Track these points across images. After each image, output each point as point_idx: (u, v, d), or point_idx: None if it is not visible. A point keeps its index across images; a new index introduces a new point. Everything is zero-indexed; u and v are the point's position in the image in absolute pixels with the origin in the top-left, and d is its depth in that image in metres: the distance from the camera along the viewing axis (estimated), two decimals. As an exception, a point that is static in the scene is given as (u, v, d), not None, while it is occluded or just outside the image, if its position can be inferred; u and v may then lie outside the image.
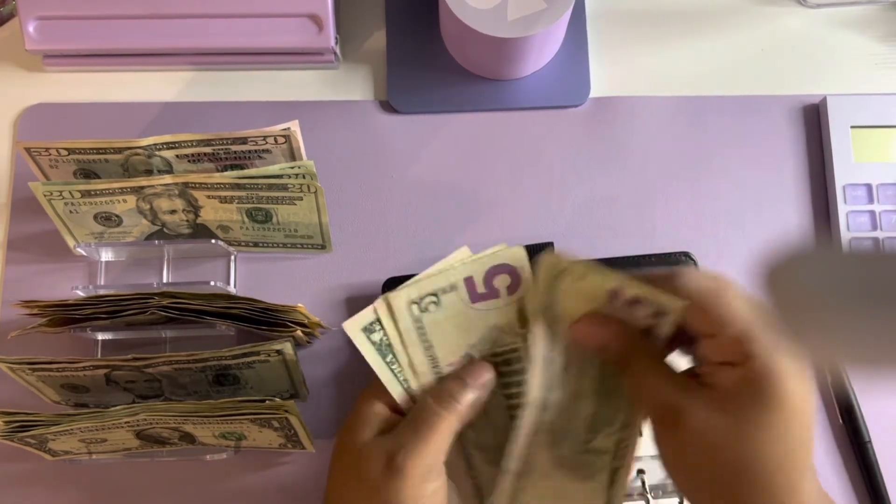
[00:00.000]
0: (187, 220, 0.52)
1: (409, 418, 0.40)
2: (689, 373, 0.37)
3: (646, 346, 0.37)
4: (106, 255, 0.54)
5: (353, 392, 0.52)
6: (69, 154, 0.49)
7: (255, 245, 0.54)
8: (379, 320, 0.41)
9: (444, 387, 0.41)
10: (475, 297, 0.42)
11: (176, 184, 0.49)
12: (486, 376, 0.41)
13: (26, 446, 0.48)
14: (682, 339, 0.37)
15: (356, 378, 0.52)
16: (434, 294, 0.41)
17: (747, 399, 0.33)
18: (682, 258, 0.51)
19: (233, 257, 0.54)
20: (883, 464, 0.51)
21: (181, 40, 0.55)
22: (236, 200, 0.50)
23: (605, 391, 0.40)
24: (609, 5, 0.59)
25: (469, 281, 0.42)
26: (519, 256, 0.42)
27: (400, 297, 0.41)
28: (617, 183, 0.56)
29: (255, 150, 0.50)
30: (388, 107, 0.57)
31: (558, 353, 0.40)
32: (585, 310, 0.39)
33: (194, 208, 0.51)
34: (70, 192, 0.49)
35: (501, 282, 0.42)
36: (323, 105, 0.57)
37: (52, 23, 0.55)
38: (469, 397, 0.40)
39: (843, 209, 0.53)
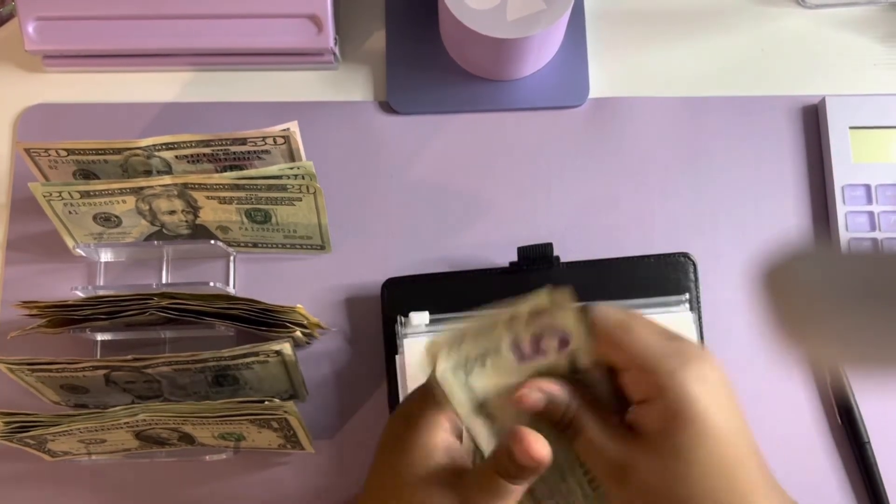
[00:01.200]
0: (186, 221, 0.52)
1: (477, 481, 0.36)
2: (630, 427, 0.36)
3: (591, 408, 0.36)
4: (105, 256, 0.54)
5: (352, 393, 0.52)
6: (68, 155, 0.49)
7: (255, 245, 0.54)
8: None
9: (511, 466, 0.37)
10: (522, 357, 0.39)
11: (175, 184, 0.49)
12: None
13: (26, 447, 0.48)
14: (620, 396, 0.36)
15: (356, 378, 0.53)
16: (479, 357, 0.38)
17: (672, 434, 0.32)
18: (681, 258, 0.51)
19: (232, 258, 0.54)
20: (882, 464, 0.51)
21: (181, 41, 0.55)
22: (235, 201, 0.50)
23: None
24: (609, 5, 0.59)
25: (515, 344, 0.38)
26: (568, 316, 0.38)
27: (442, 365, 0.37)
28: (616, 183, 0.56)
29: (255, 151, 0.50)
30: (387, 107, 0.57)
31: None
32: (507, 384, 0.37)
33: (193, 209, 0.51)
34: (69, 193, 0.49)
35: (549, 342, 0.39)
36: (322, 105, 0.57)
37: (51, 23, 0.55)
38: (533, 479, 0.37)
39: (841, 209, 0.54)
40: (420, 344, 0.48)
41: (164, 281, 0.54)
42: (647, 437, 0.34)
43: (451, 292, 0.51)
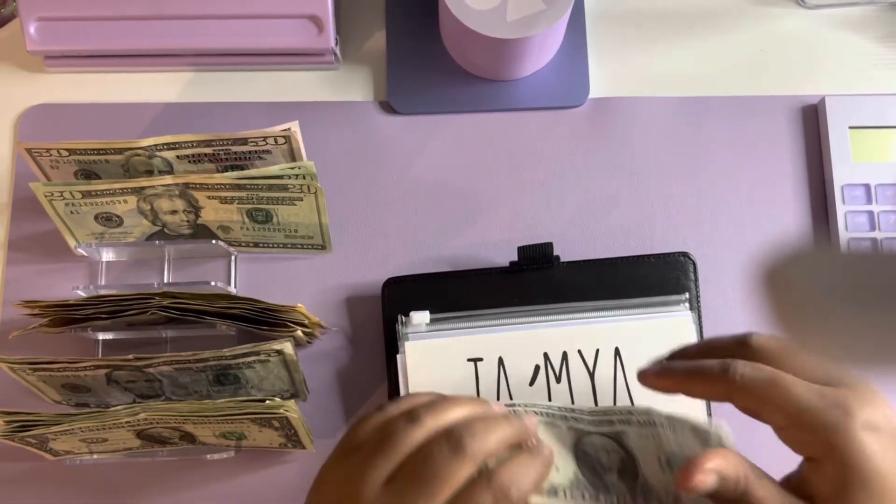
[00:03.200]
0: (188, 221, 0.52)
1: None
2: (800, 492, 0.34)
3: (759, 474, 0.34)
4: (107, 256, 0.54)
5: (353, 392, 0.52)
6: (70, 154, 0.49)
7: (256, 245, 0.54)
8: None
9: None
10: None
11: (176, 184, 0.49)
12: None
13: (27, 446, 0.48)
14: None
15: (356, 378, 0.53)
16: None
17: (847, 498, 0.31)
18: (681, 258, 0.51)
19: (233, 257, 0.54)
20: (881, 463, 0.51)
21: (182, 41, 0.55)
22: (237, 201, 0.50)
23: None
24: (609, 5, 0.59)
25: None
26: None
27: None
28: (616, 183, 0.56)
29: (256, 151, 0.50)
30: (387, 107, 0.57)
31: None
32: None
33: (195, 209, 0.51)
34: (71, 193, 0.49)
35: None
36: (323, 106, 0.57)
37: (52, 24, 0.55)
38: None
39: (841, 209, 0.54)
40: (420, 343, 0.48)
41: (165, 280, 0.54)
42: (821, 499, 0.32)
43: (451, 292, 0.51)
